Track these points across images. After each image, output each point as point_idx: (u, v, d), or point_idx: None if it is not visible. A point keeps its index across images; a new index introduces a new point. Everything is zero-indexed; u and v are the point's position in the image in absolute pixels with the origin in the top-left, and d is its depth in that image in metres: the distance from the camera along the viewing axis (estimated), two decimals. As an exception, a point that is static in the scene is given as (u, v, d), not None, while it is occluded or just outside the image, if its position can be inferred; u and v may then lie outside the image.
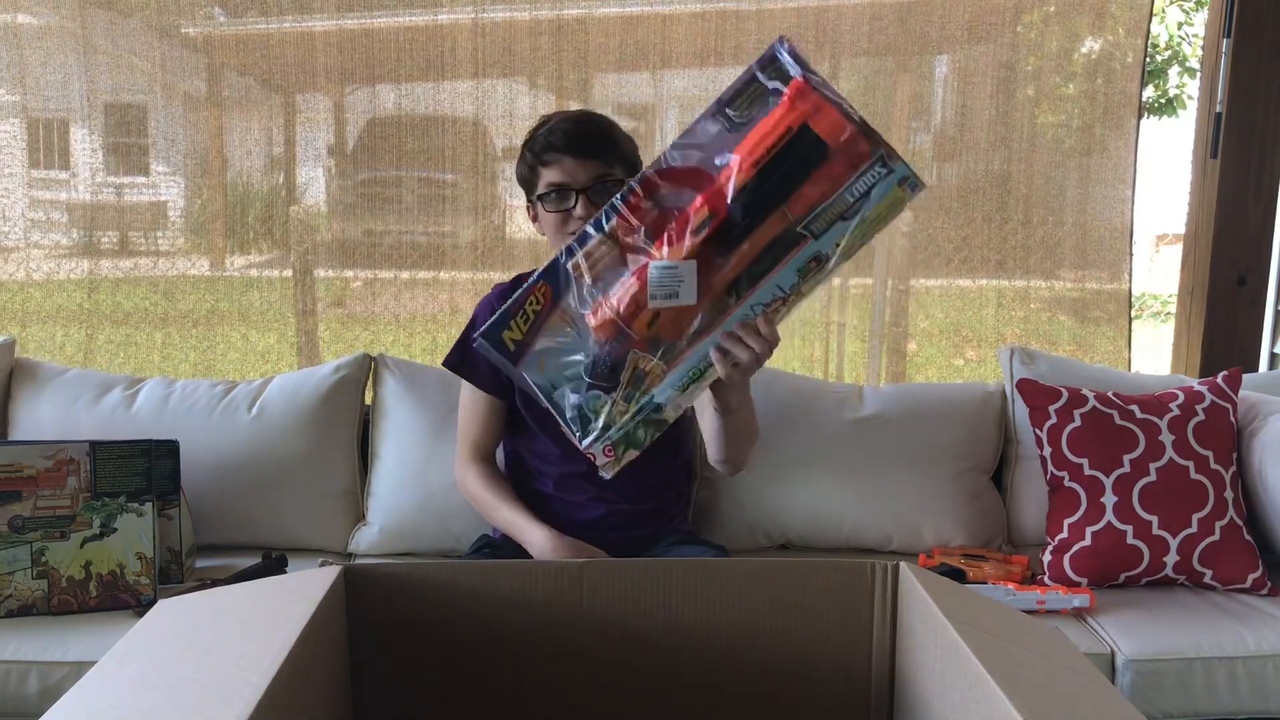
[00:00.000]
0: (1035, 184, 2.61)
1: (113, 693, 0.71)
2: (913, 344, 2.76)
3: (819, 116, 1.09)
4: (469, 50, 2.54)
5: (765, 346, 1.22)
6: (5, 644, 1.68)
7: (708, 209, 1.13)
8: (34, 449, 1.78)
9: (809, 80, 1.10)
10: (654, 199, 1.15)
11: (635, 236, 1.14)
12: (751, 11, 2.55)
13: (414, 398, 2.17)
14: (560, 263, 1.16)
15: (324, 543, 2.15)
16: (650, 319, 1.16)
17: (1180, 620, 1.84)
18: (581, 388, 1.18)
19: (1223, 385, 2.09)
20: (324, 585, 0.88)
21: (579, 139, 1.65)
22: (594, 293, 1.15)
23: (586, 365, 1.17)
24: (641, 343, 1.17)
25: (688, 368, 1.20)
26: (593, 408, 1.18)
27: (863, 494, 2.13)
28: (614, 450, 1.21)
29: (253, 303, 2.65)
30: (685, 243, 1.13)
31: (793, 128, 1.10)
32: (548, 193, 1.66)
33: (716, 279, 1.16)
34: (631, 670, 0.97)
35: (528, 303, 1.16)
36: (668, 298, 1.15)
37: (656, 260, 1.14)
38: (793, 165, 1.11)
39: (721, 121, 1.13)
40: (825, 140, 1.10)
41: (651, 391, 1.19)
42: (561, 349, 1.17)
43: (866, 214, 1.12)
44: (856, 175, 1.11)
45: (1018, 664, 0.76)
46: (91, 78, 2.53)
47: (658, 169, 1.15)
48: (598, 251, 1.15)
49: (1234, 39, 2.46)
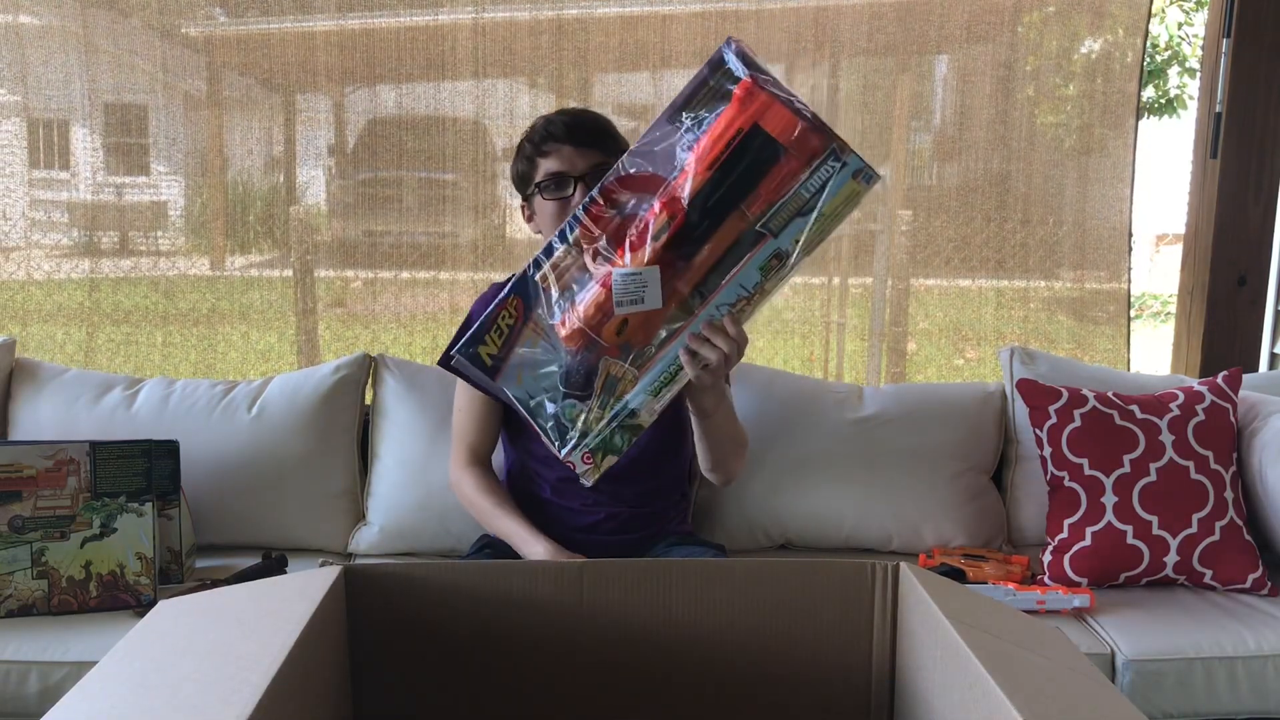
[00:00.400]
0: (1035, 184, 2.61)
1: (113, 693, 0.71)
2: (913, 344, 2.76)
3: (769, 115, 1.11)
4: (469, 50, 2.54)
5: (733, 346, 1.23)
6: (5, 644, 1.68)
7: (666, 214, 1.14)
8: (34, 449, 1.78)
9: (756, 80, 1.11)
10: (615, 207, 1.16)
11: (598, 245, 1.16)
12: (751, 11, 2.55)
13: (414, 398, 2.17)
14: (529, 275, 1.18)
15: (324, 543, 2.15)
16: (618, 326, 1.17)
17: (1180, 620, 1.84)
18: (558, 397, 1.19)
19: (1223, 385, 2.09)
20: (324, 585, 0.88)
21: (577, 129, 1.68)
22: (562, 303, 1.17)
23: (560, 375, 1.19)
24: (612, 349, 1.18)
25: (658, 371, 1.21)
26: (569, 416, 1.20)
27: (863, 494, 2.13)
28: (592, 457, 1.23)
29: (253, 302, 2.65)
30: (646, 248, 1.15)
31: (743, 128, 1.11)
32: (546, 181, 1.67)
33: (680, 282, 1.18)
34: (631, 670, 0.97)
35: (500, 317, 1.18)
36: (633, 304, 1.17)
37: (620, 267, 1.15)
38: (747, 165, 1.13)
39: (675, 126, 1.15)
40: (777, 138, 1.11)
41: (625, 397, 1.21)
42: (537, 361, 1.19)
43: (823, 208, 1.14)
44: (810, 171, 1.13)
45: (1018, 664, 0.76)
46: (92, 78, 2.53)
47: (616, 176, 1.17)
48: (563, 262, 1.17)
49: (1234, 39, 2.46)
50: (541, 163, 1.69)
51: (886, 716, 0.97)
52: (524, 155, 1.72)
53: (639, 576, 0.96)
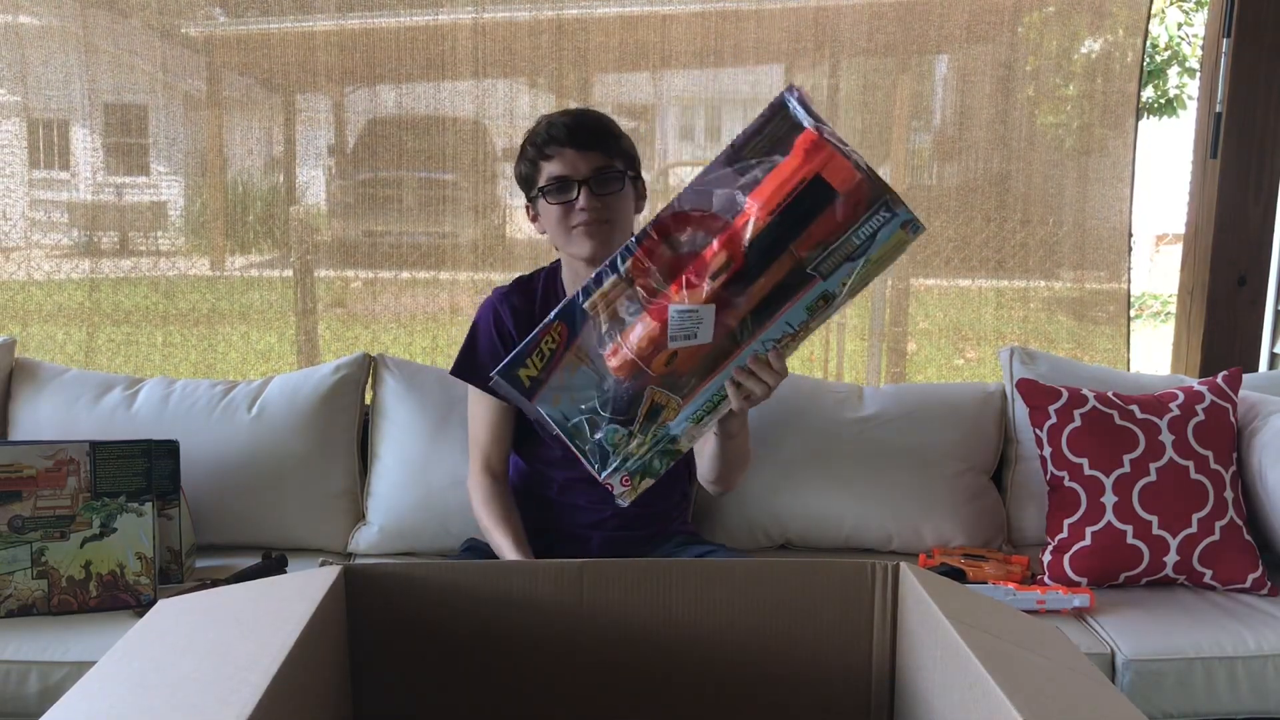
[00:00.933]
0: (1034, 184, 2.61)
1: (113, 693, 0.71)
2: (913, 344, 2.76)
3: (830, 166, 1.15)
4: (469, 50, 2.54)
5: (776, 379, 1.27)
6: (5, 644, 1.68)
7: (725, 254, 1.18)
8: (34, 449, 1.78)
9: (820, 132, 1.16)
10: (668, 242, 1.19)
11: (650, 278, 1.19)
12: (751, 11, 2.55)
13: (414, 397, 2.17)
14: (577, 303, 1.20)
15: (324, 543, 2.15)
16: (668, 358, 1.21)
17: (1180, 620, 1.84)
18: (600, 422, 1.23)
19: (1223, 385, 2.09)
20: (324, 585, 0.88)
21: (580, 132, 1.67)
22: (612, 333, 1.20)
23: (604, 400, 1.22)
24: (657, 379, 1.22)
25: (702, 400, 1.25)
26: (611, 441, 1.24)
27: (863, 494, 2.13)
28: (630, 480, 1.27)
29: (253, 303, 2.65)
30: (704, 287, 1.18)
31: (807, 178, 1.15)
32: (550, 185, 1.67)
33: (729, 317, 1.21)
34: (631, 670, 0.97)
35: (543, 341, 1.21)
36: (687, 339, 1.20)
37: (675, 303, 1.19)
38: (804, 211, 1.17)
39: (734, 167, 1.18)
40: (836, 188, 1.16)
41: (668, 424, 1.24)
42: (576, 385, 1.22)
43: (871, 255, 1.18)
44: (863, 219, 1.17)
45: (1018, 664, 0.76)
46: (92, 78, 2.53)
47: (672, 212, 1.19)
48: (613, 292, 1.20)
49: (1234, 39, 2.46)
50: (544, 166, 1.68)
51: (886, 716, 0.97)
52: (527, 158, 1.72)
53: (639, 576, 0.96)
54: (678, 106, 2.73)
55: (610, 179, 1.67)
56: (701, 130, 2.83)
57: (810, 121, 1.16)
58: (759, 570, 0.97)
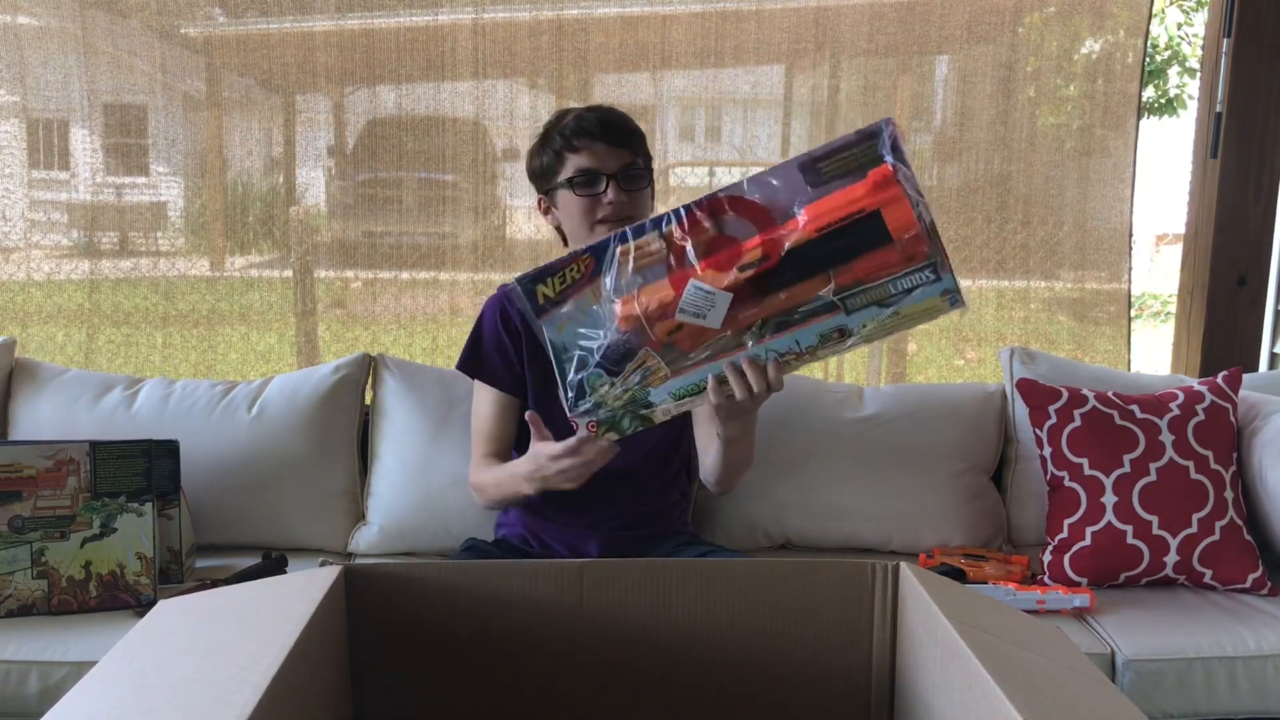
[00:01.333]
0: (1035, 184, 2.61)
1: (113, 693, 0.71)
2: (913, 344, 2.76)
3: (893, 207, 1.15)
4: (469, 50, 2.54)
5: (766, 390, 1.25)
6: (5, 644, 1.68)
7: (761, 251, 1.18)
8: (34, 449, 1.78)
9: (896, 171, 1.15)
10: (715, 220, 1.19)
11: (685, 247, 1.19)
12: (751, 11, 2.55)
13: (414, 398, 2.17)
14: (611, 243, 1.21)
15: (324, 543, 2.15)
16: (672, 328, 1.21)
17: (1180, 620, 1.84)
18: (590, 363, 1.23)
19: (1223, 385, 2.09)
20: (324, 585, 0.88)
21: (612, 127, 1.68)
22: (630, 286, 1.20)
23: (600, 345, 1.23)
24: (656, 344, 1.22)
25: (688, 381, 1.25)
26: (592, 384, 1.24)
27: (862, 494, 2.13)
28: (596, 428, 1.28)
29: (253, 303, 2.65)
30: (730, 274, 1.18)
31: (866, 209, 1.15)
32: (578, 177, 1.67)
33: (744, 314, 1.21)
34: (631, 670, 0.97)
35: (569, 268, 1.21)
36: (696, 316, 1.20)
37: (697, 280, 1.19)
38: (852, 241, 1.16)
39: (805, 174, 1.18)
40: (891, 231, 1.15)
41: (650, 389, 1.25)
42: (583, 320, 1.23)
43: (901, 309, 1.18)
44: (907, 271, 1.16)
45: (1018, 664, 0.76)
46: (91, 78, 2.53)
47: (729, 194, 1.19)
48: (648, 247, 1.20)
49: (1234, 39, 2.46)
50: (571, 158, 1.68)
51: (886, 716, 0.97)
52: (552, 149, 1.71)
53: (639, 576, 0.96)
54: (678, 107, 2.72)
55: (636, 175, 1.69)
56: (702, 131, 2.83)
57: (892, 158, 1.16)
58: (759, 570, 0.97)
